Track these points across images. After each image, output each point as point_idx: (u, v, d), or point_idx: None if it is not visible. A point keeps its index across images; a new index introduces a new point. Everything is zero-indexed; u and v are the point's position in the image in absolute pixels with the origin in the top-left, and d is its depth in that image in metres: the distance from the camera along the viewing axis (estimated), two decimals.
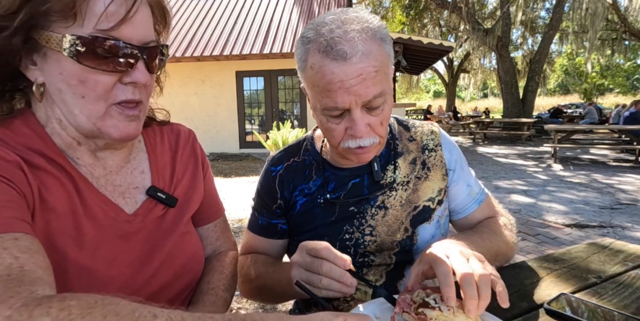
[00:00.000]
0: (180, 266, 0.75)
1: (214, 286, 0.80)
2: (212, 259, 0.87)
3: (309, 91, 0.80)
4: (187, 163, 0.85)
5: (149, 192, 0.74)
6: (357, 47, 0.70)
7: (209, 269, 0.84)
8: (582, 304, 0.71)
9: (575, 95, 38.03)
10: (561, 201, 5.02)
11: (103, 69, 0.59)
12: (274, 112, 10.62)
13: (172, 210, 0.77)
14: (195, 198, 0.83)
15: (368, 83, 0.71)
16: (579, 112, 19.44)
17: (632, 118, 9.50)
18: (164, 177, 0.79)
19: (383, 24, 0.76)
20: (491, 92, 44.40)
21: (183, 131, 0.89)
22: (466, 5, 15.50)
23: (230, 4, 11.65)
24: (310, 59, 0.74)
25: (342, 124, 0.77)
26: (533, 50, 19.70)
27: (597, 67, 29.49)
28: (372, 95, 0.73)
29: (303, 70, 0.78)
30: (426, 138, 0.97)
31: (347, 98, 0.72)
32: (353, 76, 0.70)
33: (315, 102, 0.78)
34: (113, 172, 0.72)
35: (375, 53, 0.72)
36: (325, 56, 0.71)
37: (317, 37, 0.72)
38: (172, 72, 4.57)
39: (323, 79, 0.72)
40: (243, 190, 5.84)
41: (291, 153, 0.98)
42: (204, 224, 0.88)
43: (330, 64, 0.71)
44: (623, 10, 15.86)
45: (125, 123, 0.63)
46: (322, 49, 0.71)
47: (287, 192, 0.94)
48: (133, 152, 0.77)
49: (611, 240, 1.07)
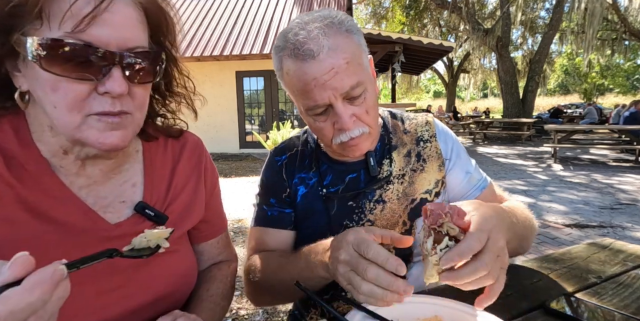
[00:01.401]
0: (164, 287, 0.70)
1: (212, 294, 0.79)
2: (212, 268, 0.86)
3: (292, 97, 0.82)
4: (189, 176, 0.78)
5: (137, 207, 0.68)
6: (322, 43, 0.72)
7: (209, 277, 0.83)
8: (582, 304, 0.71)
9: (575, 95, 38.02)
10: (561, 201, 5.02)
11: (68, 76, 0.52)
12: (274, 112, 10.61)
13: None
14: (192, 217, 0.77)
15: (341, 76, 0.73)
16: (579, 112, 19.44)
17: (632, 118, 9.50)
18: (159, 192, 0.73)
19: (348, 16, 0.78)
20: (491, 92, 44.39)
21: (191, 141, 0.83)
22: (466, 5, 15.50)
23: (230, 4, 11.65)
24: (285, 66, 0.77)
25: (328, 121, 0.79)
26: (533, 50, 19.69)
27: (597, 67, 29.49)
28: (349, 86, 0.74)
29: (282, 78, 0.81)
30: (421, 129, 0.97)
31: (324, 94, 0.74)
32: (325, 72, 0.72)
33: (299, 105, 0.80)
34: (98, 182, 0.66)
35: (343, 45, 0.73)
36: (295, 59, 0.73)
37: (285, 43, 0.75)
38: None
39: (299, 81, 0.75)
40: (243, 190, 5.84)
41: (293, 144, 1.00)
42: (206, 240, 0.85)
43: (302, 65, 0.73)
44: (623, 10, 15.86)
45: (106, 133, 0.57)
46: (291, 53, 0.74)
47: (291, 181, 0.95)
48: (127, 163, 0.71)
49: (611, 240, 1.07)
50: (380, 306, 0.61)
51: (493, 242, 0.58)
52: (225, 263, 0.89)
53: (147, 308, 0.67)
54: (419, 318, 0.63)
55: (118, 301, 0.64)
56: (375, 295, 0.59)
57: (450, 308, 0.64)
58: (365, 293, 0.59)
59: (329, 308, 0.63)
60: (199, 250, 0.85)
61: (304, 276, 0.74)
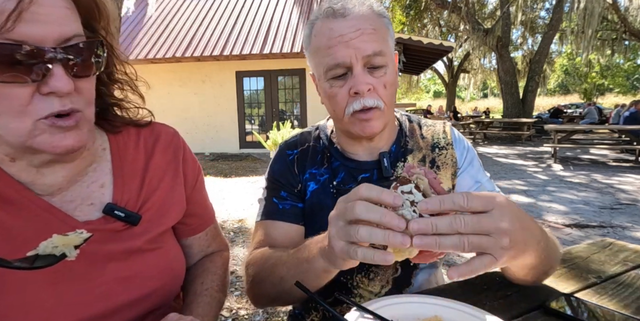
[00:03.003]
0: (148, 285, 0.67)
1: (207, 287, 0.79)
2: (204, 261, 0.86)
3: (314, 61, 0.84)
4: (164, 171, 0.75)
5: (105, 209, 0.65)
6: (355, 7, 0.78)
7: (202, 270, 0.83)
8: (582, 304, 0.70)
9: (575, 95, 38.03)
10: (561, 201, 5.02)
11: (4, 81, 0.48)
12: (274, 112, 10.61)
13: (138, 227, 0.68)
14: (171, 214, 0.74)
15: (365, 38, 0.76)
16: (579, 112, 19.44)
17: (632, 118, 9.51)
18: (130, 191, 0.69)
19: (382, 7, 0.84)
20: (491, 92, 44.38)
21: (165, 132, 0.79)
22: (466, 5, 15.50)
23: (230, 4, 11.65)
24: (314, 30, 0.82)
25: (345, 86, 0.79)
26: (533, 50, 19.69)
27: (597, 67, 29.48)
28: (372, 51, 0.76)
29: (309, 46, 0.84)
30: (437, 136, 0.96)
31: (347, 52, 0.76)
32: (351, 30, 0.76)
33: (320, 68, 0.82)
34: (63, 188, 0.63)
35: (374, 18, 0.79)
36: (327, 18, 0.79)
37: (319, 12, 0.81)
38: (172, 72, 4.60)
39: (324, 38, 0.79)
40: (243, 190, 5.83)
41: (305, 139, 0.99)
42: (193, 234, 0.83)
43: (330, 22, 0.78)
44: (623, 10, 15.86)
45: (59, 136, 0.53)
46: (324, 12, 0.79)
47: (302, 176, 0.93)
48: (94, 163, 0.68)
49: (611, 240, 1.07)
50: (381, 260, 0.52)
51: (490, 216, 0.49)
52: (217, 254, 0.88)
53: (132, 307, 0.66)
54: (419, 318, 0.63)
55: (98, 300, 0.62)
56: (377, 237, 0.50)
57: (450, 308, 0.64)
58: (365, 238, 0.51)
59: (329, 308, 0.63)
60: (187, 244, 0.83)
61: (302, 270, 0.68)
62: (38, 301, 0.57)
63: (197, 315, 0.71)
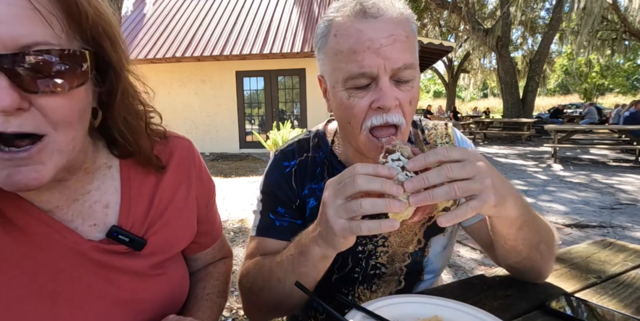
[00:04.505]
0: (150, 310, 0.64)
1: (209, 292, 0.78)
2: (207, 266, 0.86)
3: (330, 65, 0.72)
4: (176, 190, 0.69)
5: (109, 233, 0.59)
6: (389, 7, 0.66)
7: (204, 275, 0.82)
8: (582, 304, 0.70)
9: (575, 95, 38.02)
10: (561, 201, 5.02)
11: None
12: (274, 112, 10.61)
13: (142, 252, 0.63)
14: (179, 241, 0.69)
15: (398, 46, 0.65)
16: (579, 112, 19.44)
17: (632, 118, 9.50)
18: (137, 213, 0.63)
19: None
20: (491, 92, 44.37)
21: (180, 147, 0.72)
22: (466, 5, 15.49)
23: (230, 4, 11.65)
24: (333, 28, 0.69)
25: (366, 98, 0.68)
26: (533, 50, 19.68)
27: (597, 67, 29.47)
28: (403, 63, 0.66)
29: (324, 46, 0.72)
30: (440, 141, 0.91)
31: (375, 61, 0.65)
32: (384, 35, 0.64)
33: (337, 74, 0.70)
34: (61, 206, 0.57)
35: (406, 23, 0.68)
36: (355, 16, 0.66)
37: (343, 8, 0.69)
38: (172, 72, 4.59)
39: (349, 40, 0.66)
40: (243, 190, 5.83)
41: (302, 148, 0.90)
42: (201, 251, 0.81)
43: (359, 22, 0.66)
44: (623, 10, 15.85)
45: (8, 170, 0.43)
46: (351, 13, 0.67)
47: (301, 191, 0.86)
48: (96, 180, 0.61)
49: (611, 240, 1.07)
50: (387, 228, 0.54)
51: (468, 161, 0.55)
52: (221, 261, 0.88)
53: None
54: (419, 318, 0.63)
55: (95, 319, 0.58)
56: (379, 206, 0.53)
57: (450, 308, 0.64)
58: (369, 209, 0.53)
59: (328, 308, 0.62)
60: (193, 258, 0.82)
61: (298, 264, 0.66)
62: (34, 318, 0.54)
63: (198, 318, 0.71)
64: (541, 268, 0.77)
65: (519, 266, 0.77)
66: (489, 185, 0.54)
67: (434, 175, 0.53)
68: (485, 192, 0.54)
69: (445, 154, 0.55)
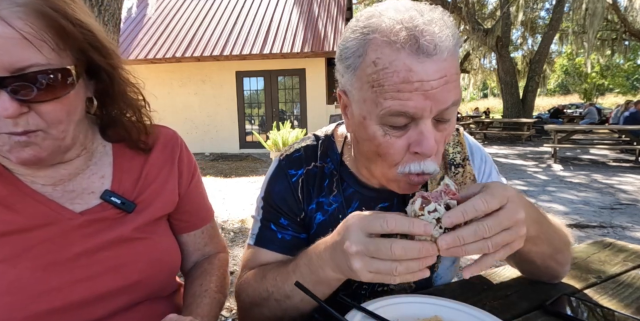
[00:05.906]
0: (135, 273, 0.70)
1: (206, 288, 0.80)
2: (202, 262, 0.88)
3: (362, 93, 0.63)
4: (160, 167, 0.80)
5: (103, 195, 0.71)
6: (445, 41, 0.57)
7: (200, 272, 0.84)
8: (582, 304, 0.70)
9: (575, 95, 38.03)
10: (561, 201, 5.02)
11: None
12: (274, 112, 10.62)
13: (130, 215, 0.73)
14: (159, 205, 0.77)
15: (449, 87, 0.58)
16: (579, 112, 19.44)
17: (632, 118, 9.51)
18: (127, 181, 0.75)
19: None
20: (491, 92, 44.38)
21: (164, 133, 0.84)
22: (466, 5, 15.49)
23: (230, 4, 11.65)
24: (374, 52, 0.59)
25: (404, 138, 0.62)
26: (533, 50, 19.67)
27: (597, 67, 29.50)
28: (451, 102, 0.60)
29: (356, 68, 0.62)
30: (452, 151, 0.84)
31: (422, 104, 0.58)
32: (436, 77, 0.57)
33: (371, 107, 0.61)
34: (65, 179, 0.70)
35: (456, 57, 0.60)
36: (404, 50, 0.56)
37: (390, 28, 0.58)
38: (172, 72, 4.62)
39: (394, 77, 0.57)
40: (243, 190, 5.83)
41: (310, 156, 0.83)
42: (189, 231, 0.86)
43: (409, 59, 0.56)
44: (623, 10, 15.86)
45: (18, 149, 0.58)
46: (403, 45, 0.56)
47: (307, 205, 0.81)
48: (95, 157, 0.74)
49: (611, 240, 1.07)
50: (419, 277, 0.54)
51: (507, 211, 0.52)
52: (214, 256, 0.90)
53: (119, 294, 0.69)
54: (419, 318, 0.63)
55: (85, 286, 0.65)
56: (413, 269, 0.52)
57: (450, 308, 0.64)
58: (403, 273, 0.52)
59: (328, 308, 0.62)
60: (183, 241, 0.86)
61: (311, 282, 0.64)
62: (25, 284, 0.60)
63: (197, 315, 0.72)
64: (557, 272, 0.78)
65: (534, 272, 0.78)
66: (523, 234, 0.53)
67: (470, 235, 0.50)
68: (517, 241, 0.53)
69: (484, 209, 0.51)
